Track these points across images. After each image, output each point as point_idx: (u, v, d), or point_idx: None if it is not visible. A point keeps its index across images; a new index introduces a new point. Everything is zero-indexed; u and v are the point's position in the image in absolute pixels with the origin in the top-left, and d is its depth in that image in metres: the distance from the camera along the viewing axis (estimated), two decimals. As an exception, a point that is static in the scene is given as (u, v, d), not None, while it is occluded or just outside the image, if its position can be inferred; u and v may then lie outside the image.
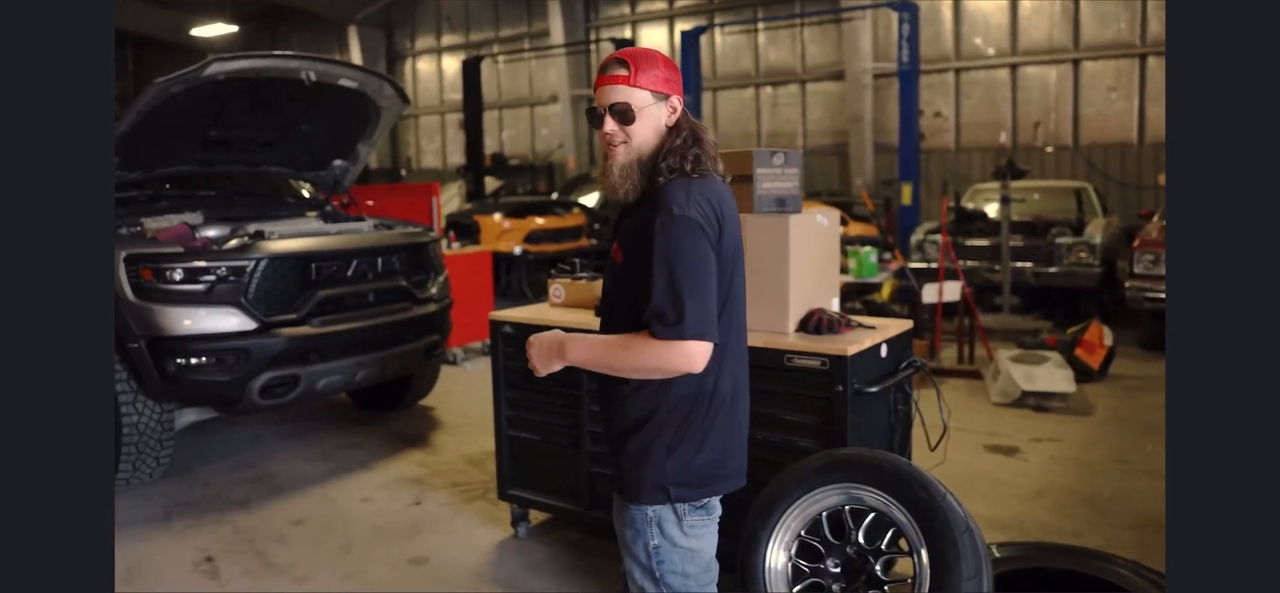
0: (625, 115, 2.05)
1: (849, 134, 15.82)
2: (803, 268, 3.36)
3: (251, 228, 5.07)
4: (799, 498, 2.92)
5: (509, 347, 4.02)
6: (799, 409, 3.21)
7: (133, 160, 5.19)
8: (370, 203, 8.41)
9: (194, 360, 4.59)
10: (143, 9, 20.42)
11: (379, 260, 5.36)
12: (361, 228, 5.69)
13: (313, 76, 5.20)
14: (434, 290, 5.74)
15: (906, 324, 3.62)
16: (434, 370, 6.28)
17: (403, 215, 6.94)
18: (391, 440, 5.71)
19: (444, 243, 8.06)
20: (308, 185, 6.58)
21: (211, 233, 5.08)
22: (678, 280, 1.93)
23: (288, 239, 4.99)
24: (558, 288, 4.17)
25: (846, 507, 2.86)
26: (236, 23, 20.21)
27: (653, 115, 2.06)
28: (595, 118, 2.10)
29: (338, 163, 6.33)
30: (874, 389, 3.23)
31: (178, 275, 4.62)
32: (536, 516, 4.26)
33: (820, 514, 2.90)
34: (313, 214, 6.15)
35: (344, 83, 5.47)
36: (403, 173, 22.23)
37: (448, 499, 4.73)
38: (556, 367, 2.13)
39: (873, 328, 3.41)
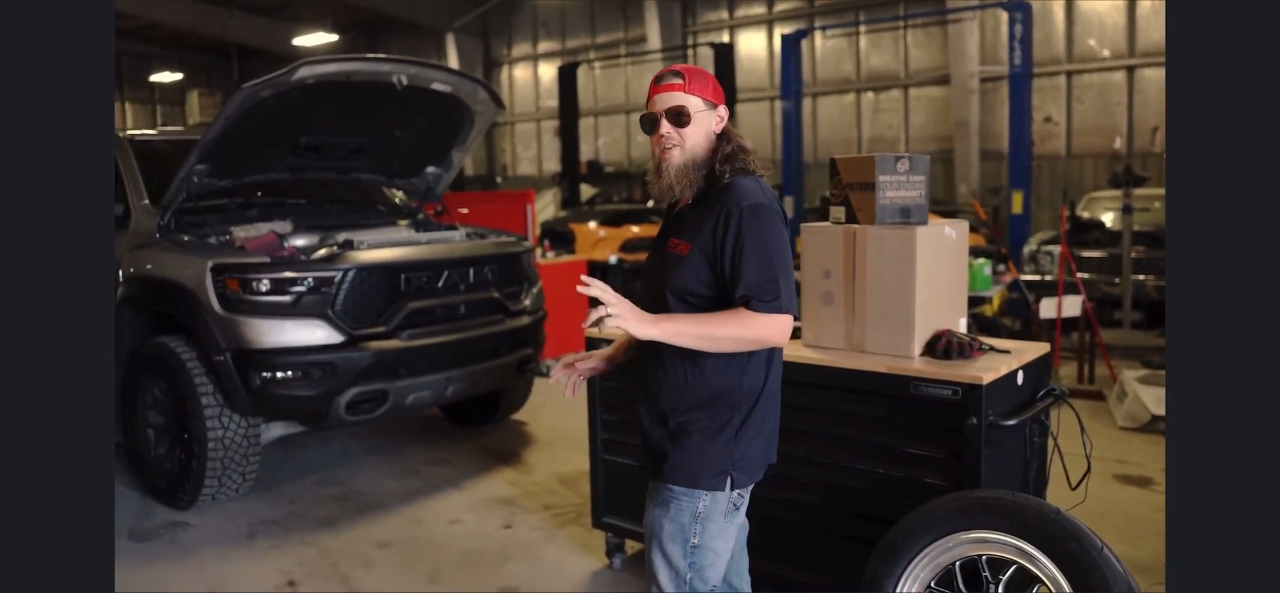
0: (681, 118, 2.21)
1: (954, 140, 15.12)
2: (930, 285, 2.98)
3: (340, 237, 4.91)
4: (929, 545, 2.61)
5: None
6: (926, 442, 2.84)
7: (223, 168, 5.09)
8: (464, 210, 8.28)
9: (280, 375, 4.44)
10: (248, 20, 21.03)
11: (471, 271, 5.14)
12: (453, 237, 5.49)
13: (404, 80, 5.01)
14: (528, 302, 5.50)
15: (1042, 348, 3.21)
16: (527, 385, 6.04)
17: (497, 223, 6.74)
18: (482, 457, 5.49)
19: (538, 251, 7.85)
20: (400, 193, 6.44)
21: (300, 242, 4.94)
22: (772, 261, 2.12)
23: (376, 249, 4.81)
24: (657, 303, 3.86)
25: (983, 557, 2.54)
26: (337, 32, 20.61)
27: (704, 121, 2.23)
28: (650, 123, 2.27)
29: (430, 169, 6.16)
30: (1011, 422, 2.85)
31: (264, 286, 4.48)
32: (633, 545, 3.95)
33: (953, 564, 2.59)
34: (404, 222, 5.98)
35: (436, 86, 5.28)
36: (498, 180, 22.35)
37: (540, 523, 4.46)
38: (648, 334, 2.11)
39: (1007, 352, 3.02)
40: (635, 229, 11.66)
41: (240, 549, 4.23)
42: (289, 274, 4.51)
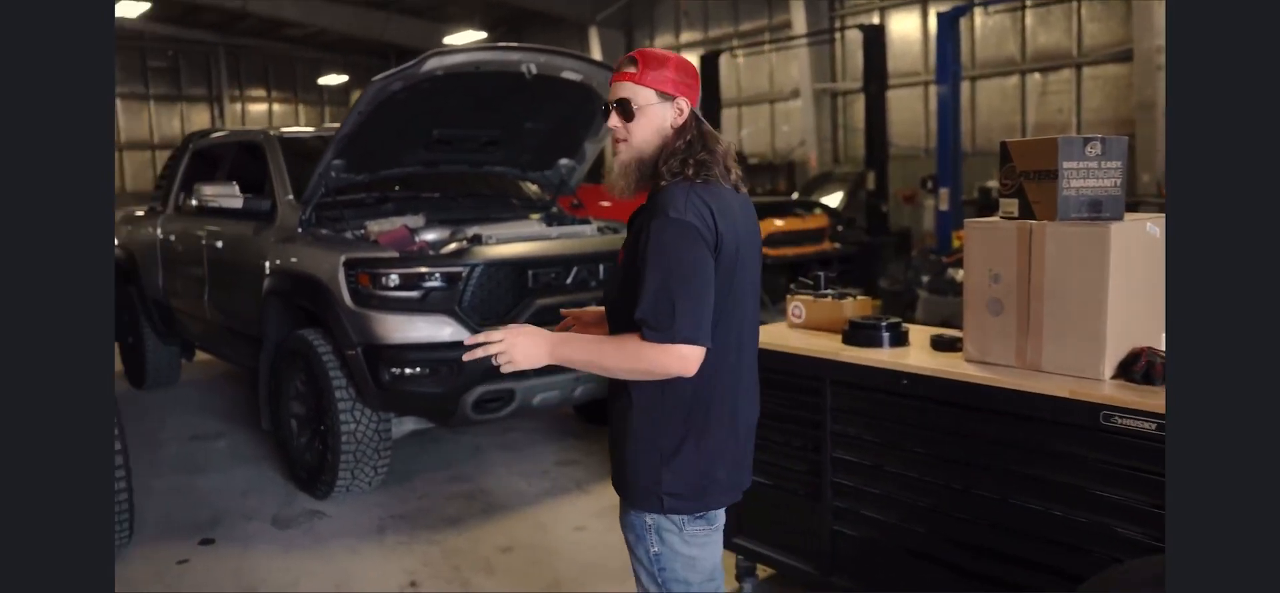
0: (625, 110, 2.03)
1: (1136, 123, 13.90)
2: (1126, 293, 2.52)
3: (470, 232, 4.83)
4: (1126, 618, 2.19)
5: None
6: (1119, 485, 2.39)
7: (359, 162, 5.10)
8: (605, 204, 8.15)
9: (407, 371, 4.38)
10: (404, 22, 21.76)
11: (600, 267, 4.96)
12: (584, 232, 5.34)
13: (534, 69, 4.87)
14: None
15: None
16: (660, 384, 5.82)
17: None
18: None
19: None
20: (535, 186, 6.34)
21: (430, 236, 4.89)
22: (670, 284, 1.89)
23: (505, 244, 4.70)
24: (798, 306, 3.55)
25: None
26: (485, 29, 21.06)
27: (655, 114, 2.03)
28: (605, 113, 2.09)
29: (563, 162, 6.02)
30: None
31: (393, 281, 4.43)
32: (765, 569, 3.66)
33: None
34: (536, 217, 5.88)
35: (567, 75, 5.11)
36: (642, 172, 22.28)
37: (667, 534, 4.23)
38: (540, 363, 2.00)
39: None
40: (779, 222, 11.27)
41: (369, 544, 4.20)
42: (417, 269, 4.45)
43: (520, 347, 1.98)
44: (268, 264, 5.09)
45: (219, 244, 5.75)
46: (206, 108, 24.63)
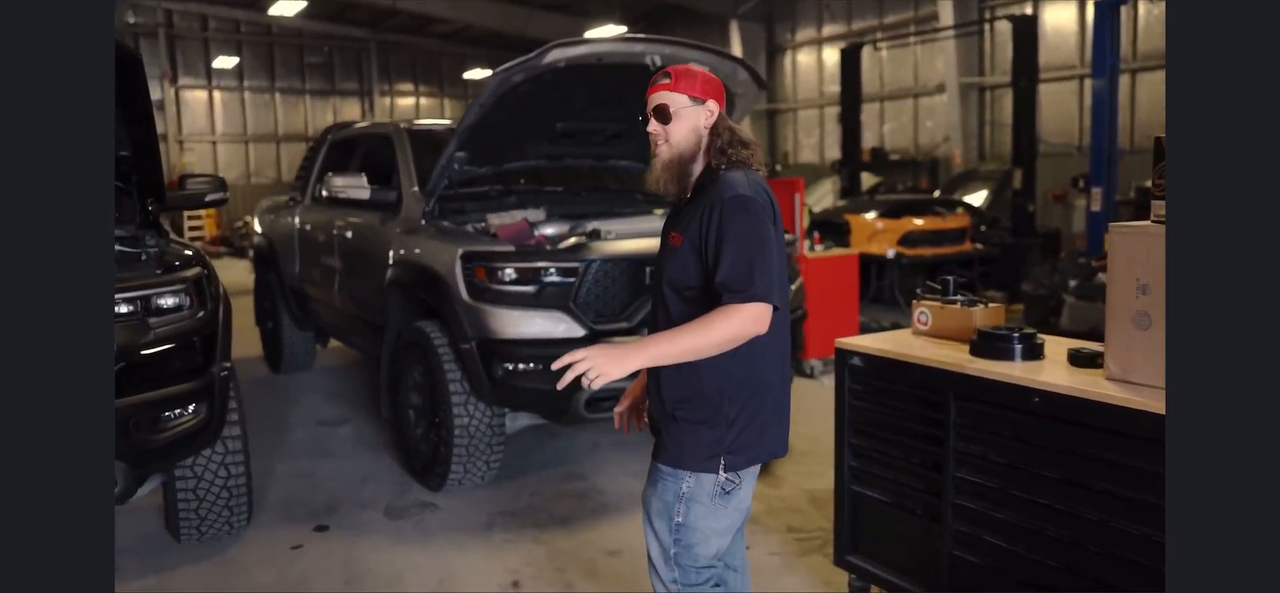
0: (663, 114, 2.31)
1: (1323, 119, 12.59)
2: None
3: (588, 227, 4.74)
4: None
5: (858, 381, 3.20)
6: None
7: (482, 155, 5.09)
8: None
9: (521, 366, 4.32)
10: (547, 17, 22.06)
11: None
12: (707, 228, 5.15)
13: (657, 61, 4.72)
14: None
15: None
16: (782, 389, 5.59)
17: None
18: (729, 465, 5.12)
19: (806, 244, 7.35)
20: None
21: (549, 231, 4.83)
22: (746, 251, 2.13)
23: (623, 240, 4.58)
24: (924, 312, 3.28)
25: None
26: (625, 23, 21.09)
27: (690, 116, 2.31)
28: (644, 122, 2.41)
29: (690, 156, 5.86)
30: None
31: (509, 275, 4.38)
32: (878, 591, 3.41)
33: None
34: (660, 212, 5.73)
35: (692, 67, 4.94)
36: (778, 168, 21.88)
37: (780, 546, 4.03)
38: (630, 368, 2.16)
39: None
40: (918, 221, 10.77)
41: (476, 540, 4.16)
42: (533, 264, 4.38)
43: (604, 359, 2.12)
44: (391, 255, 5.15)
45: (349, 234, 5.88)
46: (357, 102, 25.70)
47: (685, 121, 2.31)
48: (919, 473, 3.00)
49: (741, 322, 2.12)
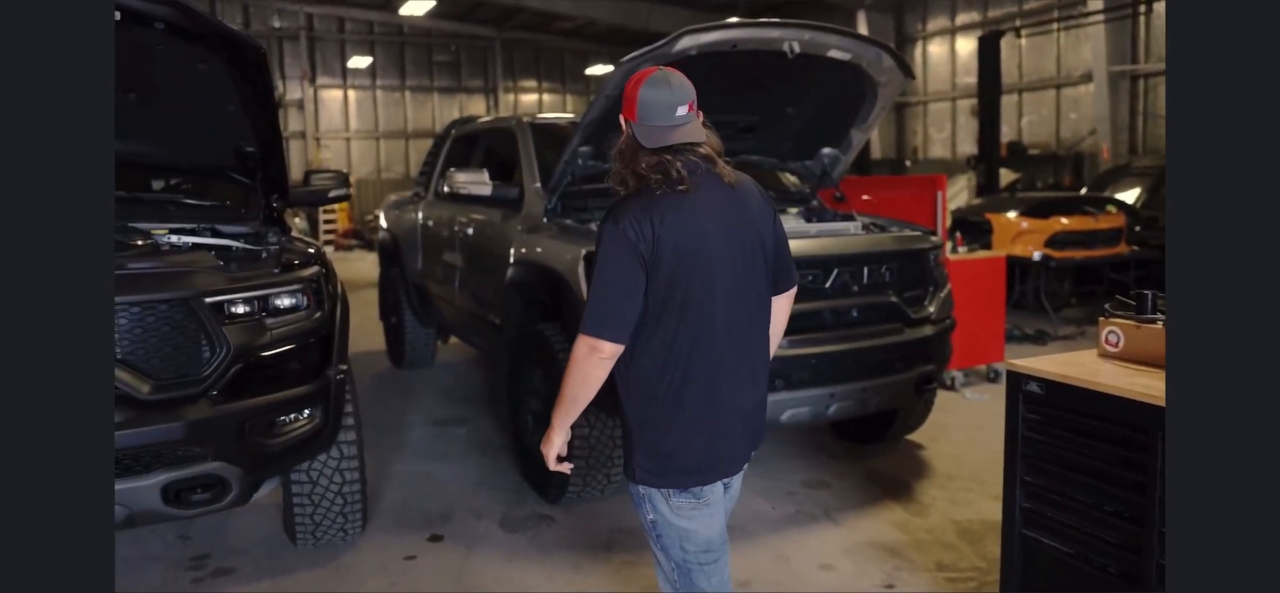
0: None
1: None
2: None
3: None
4: None
5: (1035, 411, 2.78)
6: None
7: (606, 149, 4.82)
8: (865, 197, 7.48)
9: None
10: (668, 11, 21.81)
11: (865, 270, 4.38)
12: (847, 229, 4.77)
13: (796, 48, 4.36)
14: (932, 309, 4.61)
15: None
16: (926, 404, 5.14)
17: (901, 213, 5.87)
18: (867, 485, 4.71)
19: (948, 245, 6.82)
20: (793, 177, 5.83)
21: (678, 229, 4.52)
22: (591, 284, 2.22)
23: (756, 240, 4.23)
24: (1114, 331, 2.82)
25: None
26: (750, 15, 20.63)
27: (622, 138, 2.31)
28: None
29: (826, 151, 5.47)
30: None
31: (633, 277, 4.10)
32: (1058, 653, 2.96)
33: None
34: (794, 211, 5.37)
35: (833, 54, 4.56)
36: (907, 164, 21.02)
37: (929, 586, 3.62)
38: (556, 442, 2.35)
39: None
40: (1065, 221, 9.99)
41: (594, 561, 3.90)
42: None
43: (546, 445, 2.37)
44: (512, 253, 4.96)
45: (470, 230, 5.74)
46: (482, 98, 26.09)
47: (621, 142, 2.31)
48: (1112, 524, 2.56)
49: (575, 354, 2.23)
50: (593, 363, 2.20)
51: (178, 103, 3.73)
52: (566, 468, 2.43)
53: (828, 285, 4.27)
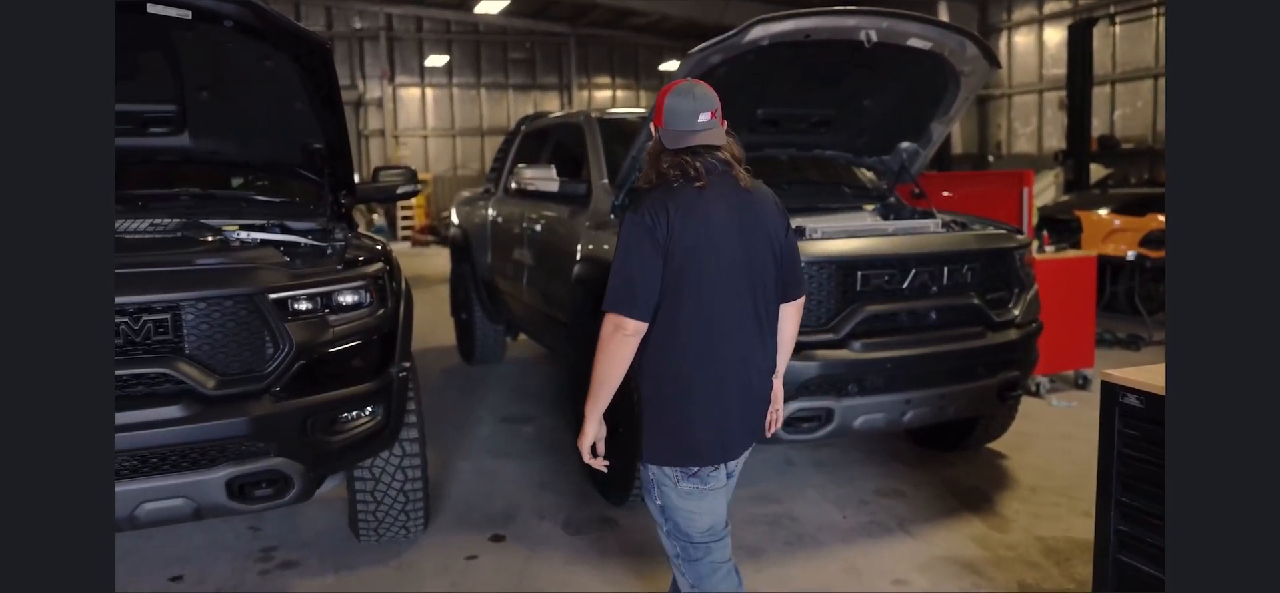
0: None
1: None
2: None
3: (792, 224, 4.25)
4: None
5: (1133, 426, 2.57)
6: None
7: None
8: (946, 194, 7.22)
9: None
10: (744, 5, 21.55)
11: (945, 270, 4.17)
12: (926, 227, 4.56)
13: (873, 37, 4.19)
14: (1016, 312, 4.37)
15: None
16: (1009, 411, 4.91)
17: (985, 210, 5.63)
18: (944, 495, 4.51)
19: (1034, 244, 6.52)
20: (870, 172, 5.63)
21: (749, 227, 4.39)
22: (613, 268, 2.38)
23: (828, 239, 4.07)
24: None
25: None
26: (825, 4, 20.26)
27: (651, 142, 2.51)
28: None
29: (905, 145, 5.26)
30: None
31: (703, 276, 3.98)
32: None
33: None
34: (871, 207, 5.18)
35: (913, 43, 4.37)
36: (990, 159, 20.40)
37: (1012, 607, 3.42)
38: (590, 433, 2.48)
39: None
40: (1161, 219, 9.51)
41: (657, 568, 3.79)
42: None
43: (581, 439, 2.50)
44: (579, 250, 4.88)
45: (537, 227, 5.69)
46: (557, 95, 26.21)
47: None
48: None
49: (600, 344, 2.37)
50: (618, 341, 2.33)
51: (248, 101, 3.75)
52: (602, 465, 2.53)
53: (905, 287, 4.08)
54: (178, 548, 3.96)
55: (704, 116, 2.42)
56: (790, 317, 2.60)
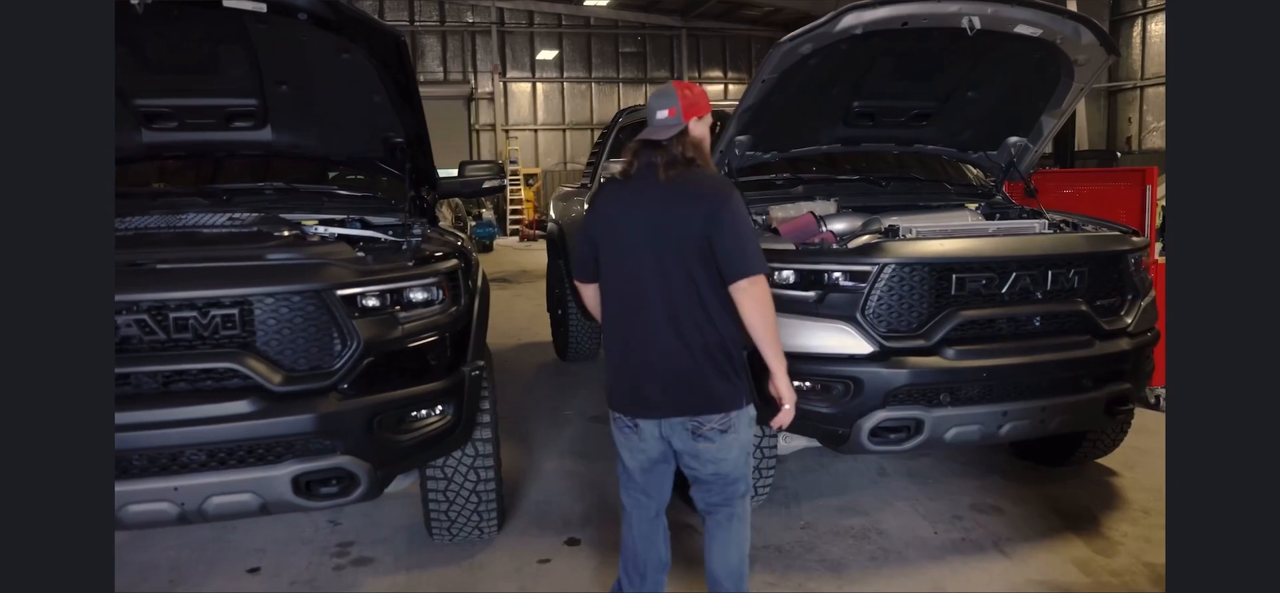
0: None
1: None
2: None
3: (884, 222, 4.04)
4: None
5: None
6: None
7: (765, 138, 4.55)
8: (1067, 191, 6.78)
9: (795, 384, 3.73)
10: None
11: (1050, 274, 3.88)
12: (1031, 227, 4.26)
13: (976, 23, 3.92)
14: (1130, 320, 4.03)
15: None
16: (1120, 426, 4.55)
17: (1105, 210, 5.24)
18: (1046, 514, 4.20)
19: (1157, 248, 6.05)
20: (975, 169, 5.32)
21: (839, 226, 4.19)
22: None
23: (926, 240, 3.84)
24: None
25: None
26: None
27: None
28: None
29: (1013, 140, 4.95)
30: None
31: (786, 277, 3.81)
32: None
33: None
34: (974, 206, 4.88)
35: (1022, 30, 4.07)
36: (1119, 155, 19.28)
37: (1117, 641, 3.14)
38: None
39: None
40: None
41: (736, 579, 3.65)
42: (815, 266, 3.78)
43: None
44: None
45: (625, 223, 5.59)
46: (667, 89, 26.18)
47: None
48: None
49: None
50: (580, 296, 3.20)
51: (327, 94, 3.78)
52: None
53: (1005, 291, 3.81)
54: (258, 539, 4.04)
55: (662, 114, 2.77)
56: (744, 303, 2.74)
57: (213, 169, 4.42)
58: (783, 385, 2.87)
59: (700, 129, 2.85)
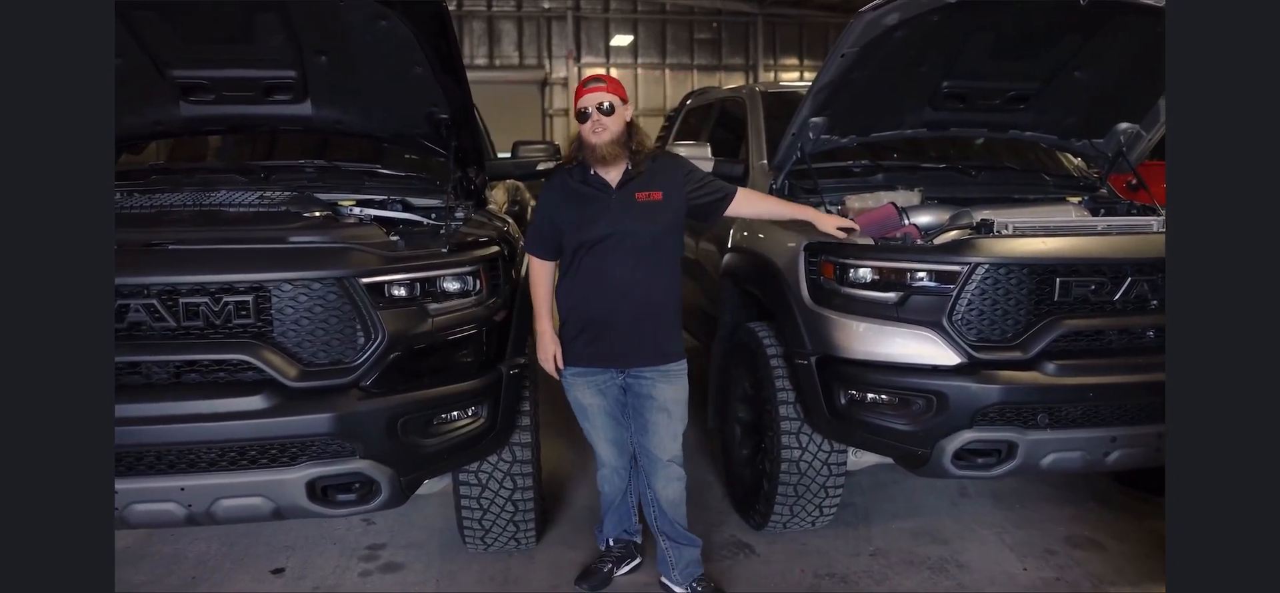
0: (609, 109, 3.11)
1: None
2: None
3: (976, 216, 3.59)
4: None
5: None
6: None
7: (844, 121, 4.12)
8: (1132, 182, 6.17)
9: (870, 396, 3.34)
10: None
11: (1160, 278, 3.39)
12: (1147, 226, 3.75)
13: (1088, -6, 3.44)
14: (1261, 335, 3.51)
15: None
16: (1244, 454, 4.01)
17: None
18: (1153, 553, 3.71)
19: None
20: (1078, 158, 4.81)
21: (924, 219, 3.74)
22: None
23: (1024, 238, 3.38)
24: None
25: None
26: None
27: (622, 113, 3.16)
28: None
29: (1123, 126, 4.41)
30: None
31: (865, 276, 3.40)
32: None
33: None
34: (1077, 200, 4.37)
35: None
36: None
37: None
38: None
39: None
40: None
41: (796, 610, 3.29)
42: (897, 264, 3.37)
43: None
44: (730, 237, 4.40)
45: (690, 210, 5.23)
46: (742, 76, 25.62)
47: (620, 117, 3.14)
48: None
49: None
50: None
51: (367, 66, 3.49)
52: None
53: (1117, 299, 3.34)
54: (290, 535, 3.81)
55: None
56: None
57: (266, 146, 4.20)
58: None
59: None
